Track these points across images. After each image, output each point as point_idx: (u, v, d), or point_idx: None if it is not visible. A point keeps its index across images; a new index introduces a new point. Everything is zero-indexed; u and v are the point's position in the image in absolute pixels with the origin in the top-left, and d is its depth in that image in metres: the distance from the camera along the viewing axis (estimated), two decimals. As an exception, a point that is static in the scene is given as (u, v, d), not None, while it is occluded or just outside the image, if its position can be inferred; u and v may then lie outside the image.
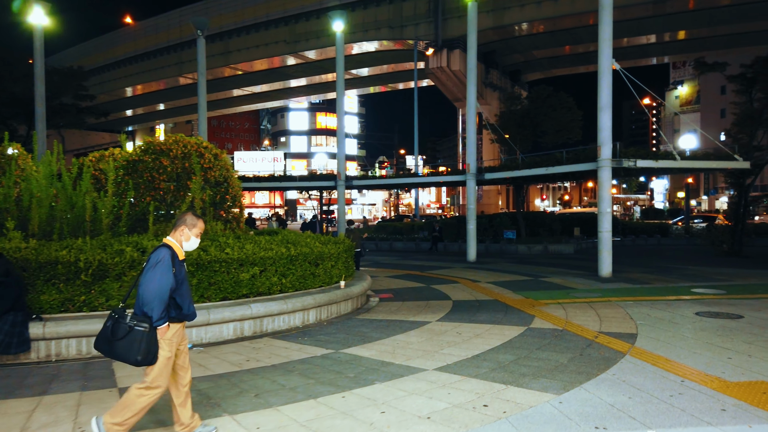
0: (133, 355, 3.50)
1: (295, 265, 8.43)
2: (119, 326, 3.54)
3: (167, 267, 3.59)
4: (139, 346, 3.48)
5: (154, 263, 3.58)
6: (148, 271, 3.57)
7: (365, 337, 7.19)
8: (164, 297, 3.55)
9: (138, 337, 3.49)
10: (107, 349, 3.58)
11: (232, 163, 10.74)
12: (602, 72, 13.13)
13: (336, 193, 21.25)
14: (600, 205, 13.52)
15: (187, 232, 3.84)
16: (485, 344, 6.68)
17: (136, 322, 3.53)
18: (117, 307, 3.65)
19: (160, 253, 3.62)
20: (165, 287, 3.55)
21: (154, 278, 3.54)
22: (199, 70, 21.05)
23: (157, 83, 59.80)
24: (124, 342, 3.50)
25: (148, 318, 3.54)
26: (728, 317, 8.18)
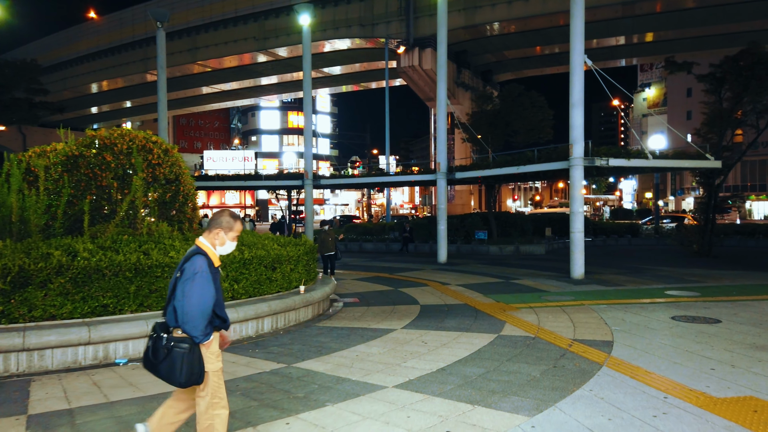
0: (176, 378, 3.15)
1: (249, 270, 7.78)
2: (158, 347, 3.17)
3: (207, 278, 3.17)
4: (181, 368, 3.12)
5: (191, 274, 3.15)
6: (186, 283, 3.14)
7: (323, 348, 6.59)
8: (207, 312, 3.16)
9: (179, 359, 3.12)
10: (152, 369, 3.22)
11: (184, 160, 10.01)
12: (574, 68, 12.79)
13: (304, 193, 20.56)
14: (572, 205, 13.17)
15: (222, 236, 3.38)
16: (452, 355, 6.15)
17: (174, 342, 3.15)
18: (157, 323, 3.26)
19: (196, 263, 3.18)
20: (207, 301, 3.15)
21: (193, 292, 3.12)
22: (159, 63, 20.11)
23: (122, 79, 58.02)
24: (165, 364, 3.15)
25: (189, 336, 3.16)
26: (705, 322, 7.83)
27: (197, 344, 3.17)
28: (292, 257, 8.68)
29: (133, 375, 5.49)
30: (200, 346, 3.19)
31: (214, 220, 3.39)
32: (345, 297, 11.09)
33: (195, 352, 3.15)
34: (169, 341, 3.13)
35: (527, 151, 16.95)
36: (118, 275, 6.46)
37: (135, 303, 6.59)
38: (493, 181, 22.38)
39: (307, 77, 20.50)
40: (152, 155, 9.14)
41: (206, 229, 3.41)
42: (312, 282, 9.74)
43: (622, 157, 14.04)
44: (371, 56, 47.79)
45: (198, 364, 3.16)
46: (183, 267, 3.20)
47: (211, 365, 3.25)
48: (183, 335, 3.16)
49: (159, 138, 9.62)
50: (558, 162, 14.68)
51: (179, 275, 3.20)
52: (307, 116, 19.77)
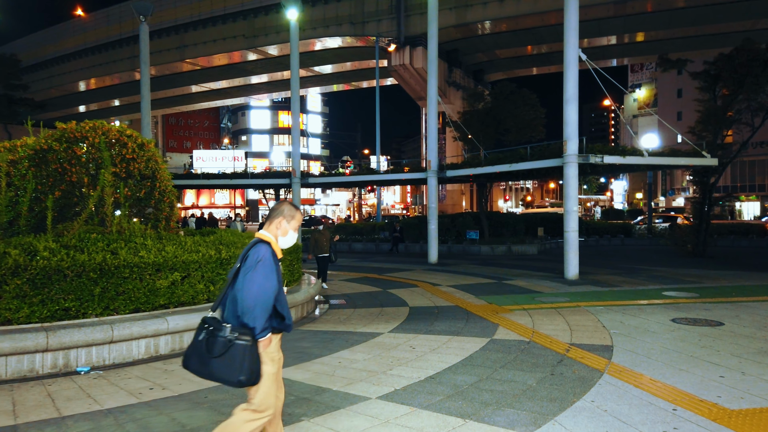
0: (235, 375, 2.85)
1: (227, 270, 7.31)
2: (216, 340, 2.88)
3: (270, 267, 2.95)
4: (242, 363, 2.84)
5: (254, 263, 2.93)
6: (248, 273, 2.92)
7: (303, 354, 6.14)
8: (269, 303, 2.92)
9: (240, 353, 2.85)
10: (200, 368, 2.92)
11: (160, 155, 9.52)
12: (568, 62, 12.42)
13: (292, 192, 20.08)
14: (566, 203, 12.80)
15: (285, 225, 3.19)
16: (442, 362, 5.73)
17: (237, 334, 2.87)
18: (209, 317, 2.99)
19: (259, 251, 2.98)
20: (270, 292, 2.92)
21: (254, 281, 2.89)
22: (142, 59, 19.55)
23: (110, 78, 57.20)
24: (223, 360, 2.85)
25: (249, 329, 2.89)
26: (707, 324, 7.46)
27: (256, 340, 2.90)
28: (273, 257, 8.22)
29: (93, 386, 5.02)
30: (260, 345, 2.92)
31: (274, 210, 3.22)
32: (332, 298, 10.66)
33: (255, 347, 2.89)
34: (233, 332, 2.86)
35: (519, 148, 16.57)
36: (81, 276, 5.98)
37: (100, 306, 6.10)
38: (484, 179, 22.02)
39: (294, 73, 20.03)
40: (126, 149, 8.67)
41: (266, 220, 3.20)
42: (296, 283, 9.30)
43: (617, 154, 13.69)
44: (362, 55, 47.36)
45: (257, 361, 2.90)
46: (246, 255, 2.99)
47: (267, 366, 2.98)
48: (244, 328, 2.89)
49: (134, 132, 9.14)
50: (551, 159, 14.32)
51: (239, 265, 2.98)
52: (294, 113, 19.30)
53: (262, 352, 2.94)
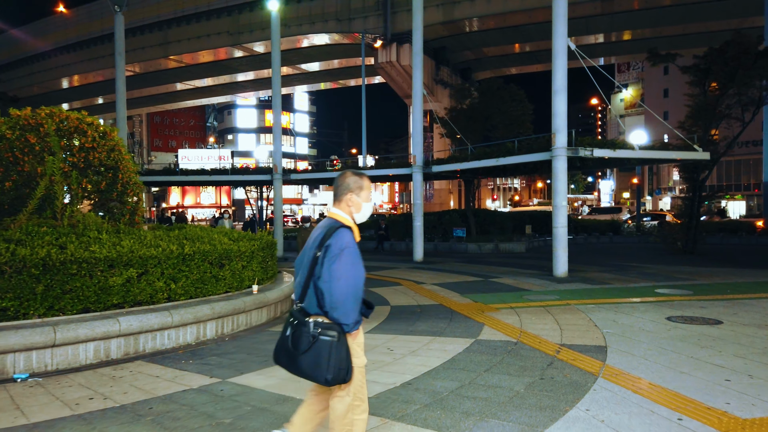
0: (321, 373, 2.65)
1: (191, 266, 6.74)
2: (301, 335, 2.70)
3: (357, 254, 2.75)
4: (328, 361, 2.64)
5: (338, 251, 2.68)
6: (334, 263, 2.67)
7: (269, 358, 5.54)
8: (359, 294, 2.73)
9: (326, 350, 2.65)
10: (289, 364, 2.75)
11: (124, 144, 8.91)
12: (556, 52, 11.97)
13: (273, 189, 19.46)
14: (555, 198, 12.35)
15: (356, 199, 2.89)
16: (421, 365, 5.21)
17: (320, 329, 2.67)
18: (295, 309, 2.81)
19: (343, 237, 2.72)
20: (360, 282, 2.73)
21: (342, 272, 2.65)
22: (117, 50, 18.85)
23: (93, 74, 56.10)
24: (308, 356, 2.66)
25: (337, 324, 2.67)
26: (705, 323, 7.01)
27: (345, 333, 2.68)
28: (244, 253, 7.66)
29: (26, 395, 4.44)
30: (347, 336, 2.70)
31: (339, 186, 2.91)
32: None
33: (343, 342, 2.68)
34: (317, 327, 2.65)
35: (507, 142, 16.11)
36: (21, 273, 5.38)
37: (43, 306, 5.51)
38: (471, 175, 21.56)
39: (276, 66, 19.42)
40: (86, 138, 8.07)
41: (335, 200, 2.91)
42: (270, 281, 8.75)
43: (608, 147, 13.26)
44: (349, 52, 46.81)
45: (346, 357, 2.67)
46: (327, 243, 2.71)
47: (358, 359, 2.81)
48: (329, 322, 2.67)
49: (96, 120, 8.53)
50: (540, 153, 13.86)
51: (319, 253, 2.72)
52: (275, 106, 18.70)
53: (353, 343, 2.75)
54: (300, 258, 2.88)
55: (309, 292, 2.77)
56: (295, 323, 2.74)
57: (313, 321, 2.68)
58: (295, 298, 2.84)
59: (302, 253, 2.90)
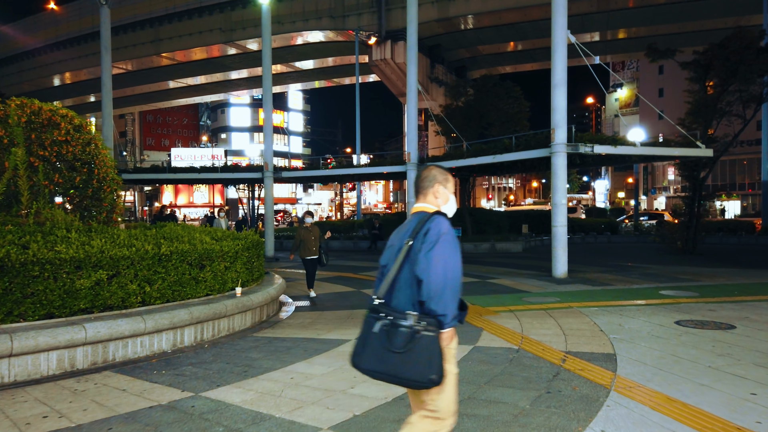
0: (425, 373, 2.36)
1: (167, 268, 6.26)
2: (397, 331, 2.40)
3: (455, 242, 2.52)
4: (430, 359, 2.36)
5: (436, 237, 2.45)
6: (431, 249, 2.43)
7: (251, 368, 5.13)
8: (458, 285, 2.47)
9: (428, 347, 2.37)
10: (378, 366, 2.41)
11: (102, 138, 8.41)
12: (556, 44, 11.55)
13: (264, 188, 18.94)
14: (554, 196, 11.93)
15: (443, 192, 2.73)
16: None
17: (425, 323, 2.39)
18: (378, 304, 2.51)
19: (441, 224, 2.50)
20: (458, 271, 2.48)
21: (441, 258, 2.41)
22: (103, 44, 18.35)
23: (84, 72, 55.38)
24: (408, 355, 2.36)
25: (435, 318, 2.40)
26: (717, 327, 6.60)
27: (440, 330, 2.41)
28: (227, 253, 7.19)
29: (-28, 413, 3.96)
30: (442, 336, 2.41)
31: (424, 178, 2.73)
32: (299, 299, 9.66)
33: (438, 339, 2.39)
34: (419, 321, 2.37)
35: (504, 138, 15.67)
36: (-25, 275, 4.90)
37: (1, 312, 5.02)
38: (467, 173, 21.14)
39: (266, 60, 18.93)
40: (59, 131, 7.58)
41: (419, 194, 2.74)
42: (256, 282, 8.27)
43: (608, 143, 12.85)
44: (343, 50, 46.34)
45: (440, 357, 2.38)
46: (423, 229, 2.48)
47: (450, 366, 2.48)
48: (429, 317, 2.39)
49: (70, 112, 8.05)
50: (538, 150, 13.44)
51: (412, 242, 2.49)
52: (266, 103, 18.20)
53: (446, 347, 2.43)
54: (385, 254, 2.68)
55: (397, 287, 2.51)
56: (389, 319, 2.42)
57: (415, 314, 2.39)
58: (374, 294, 2.56)
59: (387, 248, 2.70)
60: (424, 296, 2.40)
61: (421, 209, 2.67)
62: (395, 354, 2.36)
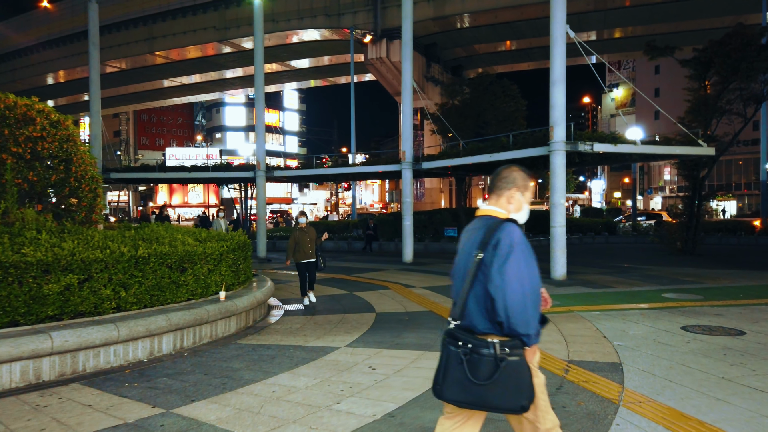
0: (516, 401, 2.18)
1: (145, 271, 5.89)
2: (480, 361, 2.20)
3: (531, 252, 2.26)
4: (519, 385, 2.18)
5: (508, 248, 2.22)
6: (505, 263, 2.19)
7: (230, 380, 4.76)
8: (538, 299, 2.26)
9: (515, 372, 2.18)
10: (464, 396, 2.22)
11: (79, 134, 8.07)
12: (555, 39, 11.22)
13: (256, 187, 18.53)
14: (553, 196, 11.60)
15: (519, 198, 2.50)
16: (407, 389, 4.40)
17: (508, 349, 2.19)
18: (454, 329, 2.32)
19: (512, 232, 2.27)
20: (537, 284, 2.25)
21: (516, 271, 2.18)
22: (91, 41, 17.96)
23: (79, 70, 54.78)
24: (496, 384, 2.17)
25: (518, 338, 2.19)
26: (726, 333, 6.27)
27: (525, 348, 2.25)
28: (210, 255, 6.82)
29: None
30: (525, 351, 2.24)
31: (503, 178, 2.50)
32: (289, 303, 9.29)
33: (525, 360, 2.24)
34: (503, 348, 2.20)
35: (501, 136, 15.33)
36: (-69, 280, 4.53)
37: (-41, 320, 4.65)
38: (463, 172, 20.81)
39: (258, 55, 18.56)
40: (34, 127, 7.21)
41: (492, 194, 2.52)
42: (243, 286, 7.90)
43: (608, 141, 12.53)
44: (339, 49, 45.99)
45: (529, 376, 2.23)
46: (492, 240, 2.26)
47: (538, 379, 2.34)
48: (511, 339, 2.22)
49: (47, 107, 7.67)
50: (536, 148, 13.10)
51: (481, 255, 2.27)
52: (258, 100, 17.81)
53: (531, 362, 2.26)
54: (457, 262, 2.47)
55: (470, 306, 2.32)
56: (468, 347, 2.24)
57: (498, 342, 2.20)
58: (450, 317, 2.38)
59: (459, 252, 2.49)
60: (502, 316, 2.19)
61: (489, 213, 2.45)
62: (484, 384, 2.19)
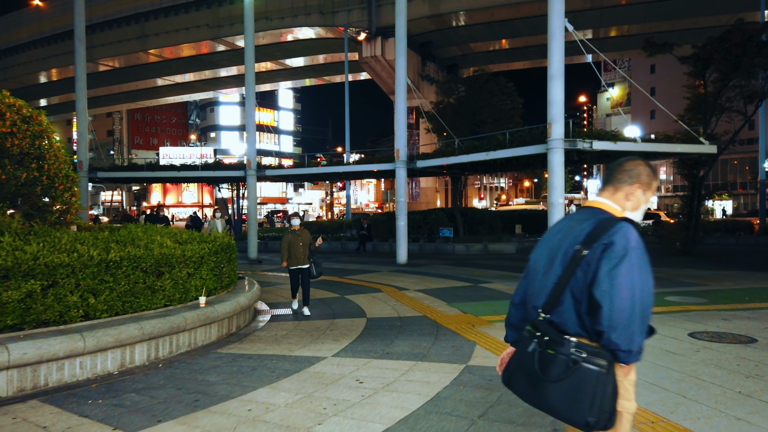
0: (581, 414, 1.91)
1: (117, 276, 5.49)
2: (553, 357, 1.96)
3: (646, 260, 1.95)
4: (592, 398, 1.89)
5: (623, 251, 1.91)
6: (617, 266, 1.90)
7: (204, 396, 4.36)
8: (648, 315, 1.95)
9: (590, 383, 1.91)
10: (529, 390, 2.02)
11: (54, 130, 7.60)
12: (553, 33, 10.86)
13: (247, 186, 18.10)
14: (551, 195, 11.24)
15: (640, 195, 2.15)
16: (396, 407, 4.02)
17: (586, 354, 1.93)
18: (541, 320, 2.05)
19: (629, 233, 1.95)
20: (651, 296, 1.95)
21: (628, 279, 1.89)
22: (77, 35, 17.49)
23: (71, 68, 54.06)
24: (562, 386, 1.92)
25: (610, 350, 1.92)
26: (737, 341, 5.92)
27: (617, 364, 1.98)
28: (190, 258, 6.42)
29: None
30: (618, 369, 1.99)
31: (625, 171, 2.18)
32: (278, 307, 8.89)
33: (612, 376, 1.97)
34: (580, 350, 1.94)
35: (498, 134, 14.96)
36: None
37: None
38: (458, 171, 20.45)
39: (249, 51, 18.15)
40: (3, 122, 6.79)
41: (609, 186, 2.20)
42: (226, 290, 7.50)
43: (608, 139, 12.19)
44: (334, 47, 45.64)
45: (612, 397, 1.96)
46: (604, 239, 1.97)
47: (628, 403, 2.03)
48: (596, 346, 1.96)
49: (18, 101, 7.24)
50: (534, 146, 12.74)
51: (586, 251, 1.98)
52: (249, 98, 17.40)
53: (623, 380, 2.02)
54: (539, 253, 2.19)
55: (564, 302, 2.05)
56: (545, 339, 2.02)
57: (575, 341, 1.98)
58: (537, 305, 2.10)
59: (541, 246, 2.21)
60: (603, 325, 1.93)
61: (601, 206, 2.15)
62: (550, 382, 1.96)
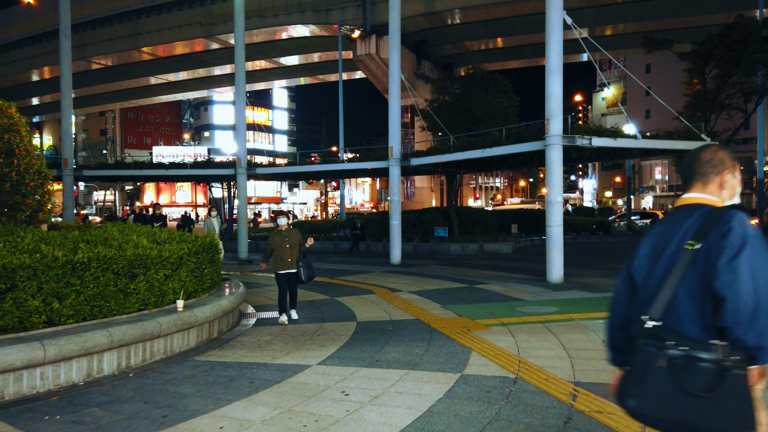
0: (736, 428, 1.64)
1: (84, 278, 5.08)
2: (697, 367, 1.67)
3: (766, 247, 1.74)
4: (742, 408, 1.65)
5: (740, 240, 1.70)
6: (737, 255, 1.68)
7: (173, 411, 3.97)
8: None
9: (740, 391, 1.66)
10: (664, 411, 1.69)
11: (26, 124, 7.17)
12: (551, 26, 10.51)
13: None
14: (549, 193, 10.89)
15: (732, 182, 1.94)
16: (384, 424, 3.63)
17: (737, 358, 1.67)
18: (656, 326, 1.77)
19: (744, 220, 1.76)
20: None
21: (748, 270, 1.67)
22: (62, 30, 17.10)
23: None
24: (713, 401, 1.63)
25: (745, 350, 1.68)
26: None
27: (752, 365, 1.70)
28: (167, 259, 6.02)
29: None
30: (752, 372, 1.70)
31: (707, 161, 1.93)
32: (265, 309, 8.49)
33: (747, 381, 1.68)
34: (729, 354, 1.65)
35: (494, 131, 14.59)
36: None
37: None
38: (453, 169, 20.08)
39: (239, 48, 17.73)
40: (-31, 114, 6.38)
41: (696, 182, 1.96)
42: (208, 293, 7.10)
43: (607, 135, 11.84)
44: (328, 46, 45.27)
45: (750, 404, 1.66)
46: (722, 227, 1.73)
47: (762, 413, 1.72)
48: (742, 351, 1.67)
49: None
50: (531, 142, 12.38)
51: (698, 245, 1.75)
52: (239, 94, 16.96)
53: (753, 387, 1.72)
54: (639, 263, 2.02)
55: (679, 305, 1.82)
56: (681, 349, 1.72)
57: (723, 345, 1.70)
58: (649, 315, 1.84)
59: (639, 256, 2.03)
60: (728, 320, 1.69)
61: (699, 201, 1.94)
62: (694, 398, 1.67)
